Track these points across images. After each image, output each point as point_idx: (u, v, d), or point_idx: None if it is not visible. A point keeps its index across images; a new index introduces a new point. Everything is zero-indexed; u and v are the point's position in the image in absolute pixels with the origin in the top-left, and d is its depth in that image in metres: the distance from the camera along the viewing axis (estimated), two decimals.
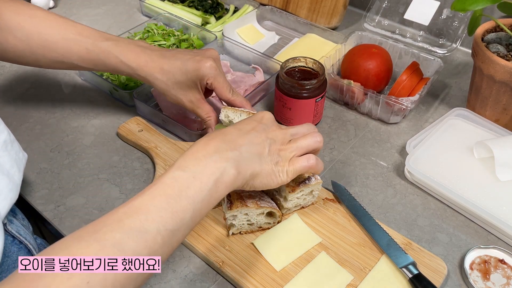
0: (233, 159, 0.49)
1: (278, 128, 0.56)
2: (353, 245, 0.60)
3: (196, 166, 0.47)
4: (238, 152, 0.50)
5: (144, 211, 0.42)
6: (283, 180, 0.54)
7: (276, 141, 0.55)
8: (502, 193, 0.65)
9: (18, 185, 0.57)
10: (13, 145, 0.58)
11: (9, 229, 0.57)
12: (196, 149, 0.49)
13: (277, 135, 0.55)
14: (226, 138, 0.51)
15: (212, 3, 1.09)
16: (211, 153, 0.48)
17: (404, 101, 0.76)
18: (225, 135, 0.51)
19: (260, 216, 0.60)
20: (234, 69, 0.94)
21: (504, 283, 0.57)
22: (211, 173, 0.47)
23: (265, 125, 0.55)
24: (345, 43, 0.89)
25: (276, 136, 0.55)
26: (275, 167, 0.54)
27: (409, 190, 0.70)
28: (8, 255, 0.56)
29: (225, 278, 0.58)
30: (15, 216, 0.61)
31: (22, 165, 0.59)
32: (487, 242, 0.63)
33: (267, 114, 0.57)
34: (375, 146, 0.78)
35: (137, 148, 0.76)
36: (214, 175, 0.47)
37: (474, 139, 0.72)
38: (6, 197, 0.54)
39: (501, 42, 0.76)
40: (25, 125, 0.80)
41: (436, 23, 0.94)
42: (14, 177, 0.56)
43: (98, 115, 0.82)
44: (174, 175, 0.46)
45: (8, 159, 0.56)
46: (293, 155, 0.55)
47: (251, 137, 0.52)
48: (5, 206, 0.53)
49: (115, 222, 0.41)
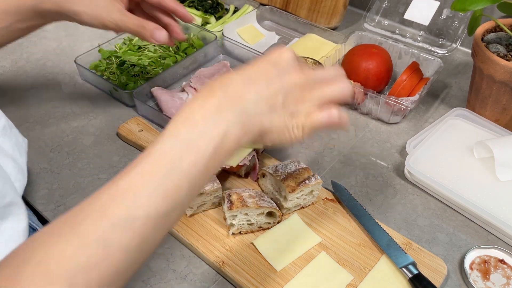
0: (237, 117, 0.41)
1: (299, 70, 0.45)
2: (353, 245, 0.60)
3: (191, 132, 0.39)
4: (243, 107, 0.41)
5: (131, 194, 0.36)
6: (297, 136, 0.45)
7: (293, 90, 0.44)
8: (502, 193, 0.65)
9: (24, 170, 0.57)
10: (12, 130, 0.59)
11: None
12: (192, 109, 0.41)
13: (297, 82, 0.44)
14: (229, 89, 0.42)
15: (212, 3, 1.09)
16: (211, 113, 0.40)
17: (404, 101, 0.76)
18: (228, 86, 0.42)
19: (260, 216, 0.60)
20: (234, 69, 0.94)
21: (504, 283, 0.57)
22: (210, 139, 0.39)
23: (281, 69, 0.44)
24: (345, 43, 0.89)
25: (295, 82, 0.44)
26: (289, 120, 0.44)
27: (409, 190, 0.70)
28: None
29: (225, 278, 0.58)
30: None
31: (23, 149, 0.60)
32: (487, 242, 0.63)
33: (285, 52, 0.45)
34: (375, 146, 0.78)
35: (137, 148, 0.76)
36: (214, 141, 0.39)
37: (474, 139, 0.72)
38: (16, 179, 0.54)
39: (501, 42, 0.76)
40: (25, 125, 0.80)
41: (436, 23, 0.94)
42: (17, 160, 0.56)
43: (98, 115, 0.82)
44: (165, 147, 0.39)
45: (9, 143, 0.57)
46: (312, 107, 0.45)
47: (260, 87, 0.43)
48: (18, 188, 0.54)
49: (98, 211, 0.35)
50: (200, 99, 0.41)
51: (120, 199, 0.36)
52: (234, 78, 0.43)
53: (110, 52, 0.91)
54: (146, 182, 0.37)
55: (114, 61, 0.89)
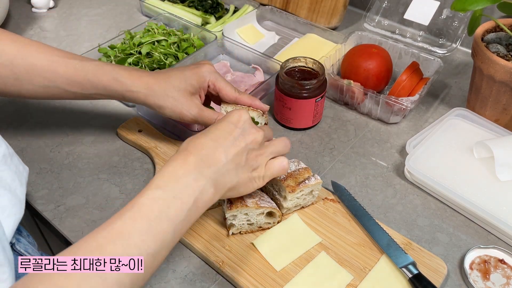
0: (211, 176, 0.48)
1: (255, 131, 0.54)
2: (353, 245, 0.60)
3: (176, 185, 0.46)
4: (216, 168, 0.49)
5: (126, 235, 0.41)
6: (259, 185, 0.55)
7: (254, 148, 0.53)
8: (502, 193, 0.65)
9: (22, 201, 0.54)
10: (13, 159, 0.56)
11: (17, 248, 0.55)
12: (174, 167, 0.47)
13: (256, 139, 0.53)
14: (203, 153, 0.49)
15: (212, 3, 1.09)
16: (191, 170, 0.47)
17: (404, 101, 0.76)
18: (201, 150, 0.49)
19: (260, 216, 0.60)
20: (234, 69, 0.94)
21: (504, 283, 0.57)
22: (191, 192, 0.46)
23: (242, 129, 0.52)
24: (345, 43, 0.89)
25: (255, 141, 0.53)
26: (251, 173, 0.53)
27: (409, 190, 0.70)
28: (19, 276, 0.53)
29: (225, 278, 0.58)
30: (20, 234, 0.59)
31: (23, 179, 0.57)
32: (487, 242, 0.63)
33: (243, 115, 0.53)
34: (375, 146, 0.78)
35: (137, 148, 0.76)
36: (194, 194, 0.46)
37: (474, 139, 0.72)
38: (10, 214, 0.51)
39: (501, 42, 0.76)
40: (25, 125, 0.80)
41: (436, 23, 0.94)
42: (16, 191, 0.54)
43: (98, 115, 0.82)
44: (154, 195, 0.44)
45: (9, 173, 0.54)
46: (268, 159, 0.55)
47: (228, 147, 0.50)
48: (10, 224, 0.51)
49: (96, 249, 0.40)
50: (181, 158, 0.48)
51: (116, 239, 0.41)
52: (205, 142, 0.50)
53: (112, 52, 0.91)
54: (139, 225, 0.42)
55: (113, 60, 0.89)
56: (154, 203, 0.44)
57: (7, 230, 0.50)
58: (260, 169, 0.54)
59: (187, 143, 0.50)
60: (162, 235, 0.43)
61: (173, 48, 0.93)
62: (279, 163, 0.56)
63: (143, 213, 0.43)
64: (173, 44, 0.93)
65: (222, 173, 0.49)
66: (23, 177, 0.57)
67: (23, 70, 0.62)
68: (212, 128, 0.52)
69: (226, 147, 0.50)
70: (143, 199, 0.44)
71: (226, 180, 0.50)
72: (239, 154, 0.51)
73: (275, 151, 0.56)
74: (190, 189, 0.46)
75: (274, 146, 0.56)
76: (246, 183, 0.53)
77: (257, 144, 0.53)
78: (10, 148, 0.56)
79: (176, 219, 0.44)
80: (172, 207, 0.44)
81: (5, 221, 0.50)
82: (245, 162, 0.52)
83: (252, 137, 0.53)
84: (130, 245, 0.41)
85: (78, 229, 0.64)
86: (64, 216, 0.65)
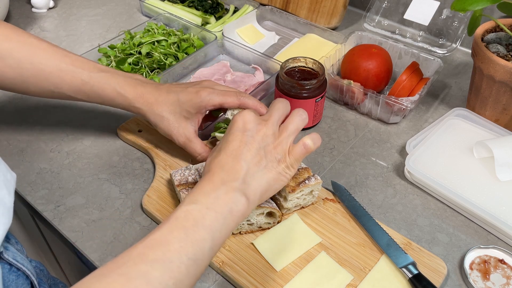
0: (239, 188, 0.49)
1: (263, 125, 0.53)
2: (353, 245, 0.60)
3: (207, 199, 0.47)
4: (240, 179, 0.49)
5: (165, 243, 0.43)
6: (291, 174, 0.54)
7: (268, 142, 0.53)
8: (502, 193, 0.65)
9: (10, 209, 0.53)
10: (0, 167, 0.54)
11: (5, 257, 0.54)
12: (201, 185, 0.49)
13: (267, 134, 0.53)
14: (225, 168, 0.50)
15: (212, 3, 1.09)
16: (219, 185, 0.48)
17: (404, 101, 0.76)
18: (222, 166, 0.50)
19: (260, 216, 0.60)
20: (234, 69, 0.94)
21: (504, 283, 0.57)
22: (225, 204, 0.47)
23: (250, 131, 0.52)
24: (345, 43, 0.89)
25: (266, 135, 0.53)
26: (278, 167, 0.53)
27: (409, 190, 0.70)
28: (7, 285, 0.53)
29: (225, 278, 0.58)
30: (8, 241, 0.57)
31: (11, 186, 0.55)
32: (487, 242, 0.63)
33: (247, 116, 0.53)
34: (375, 146, 0.78)
35: (137, 148, 0.76)
36: (228, 205, 0.47)
37: (474, 139, 0.72)
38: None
39: (501, 42, 0.76)
40: (25, 125, 0.80)
41: (436, 23, 0.94)
42: (4, 200, 0.52)
43: (98, 115, 0.82)
44: (187, 209, 0.46)
45: None
46: (289, 145, 0.54)
47: (244, 155, 0.51)
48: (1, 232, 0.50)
49: (138, 256, 0.41)
50: (206, 178, 0.50)
51: (156, 247, 0.42)
52: (223, 159, 0.51)
53: (112, 52, 0.91)
54: (177, 234, 0.44)
55: (113, 60, 0.89)
56: (189, 215, 0.45)
57: None
58: (285, 158, 0.53)
59: (208, 165, 0.52)
60: (200, 242, 0.44)
61: (173, 48, 0.93)
62: (300, 147, 0.54)
63: (179, 224, 0.44)
64: (173, 44, 0.93)
65: (248, 181, 0.50)
66: (11, 185, 0.55)
67: (30, 75, 0.65)
68: (224, 143, 0.53)
69: (242, 156, 0.51)
70: (177, 213, 0.45)
71: (255, 185, 0.50)
72: (256, 155, 0.51)
73: (293, 130, 0.55)
74: (223, 201, 0.47)
75: (291, 125, 0.55)
76: (277, 178, 0.53)
77: (269, 137, 0.53)
78: None
79: (213, 227, 0.45)
80: (207, 217, 0.45)
81: None
82: (266, 159, 0.52)
83: (261, 133, 0.52)
84: (170, 250, 0.42)
85: (78, 229, 0.64)
86: (64, 216, 0.65)
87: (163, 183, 0.68)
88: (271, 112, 0.56)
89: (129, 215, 0.65)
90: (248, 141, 0.52)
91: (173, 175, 0.64)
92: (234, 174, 0.50)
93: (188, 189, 0.62)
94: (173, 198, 0.66)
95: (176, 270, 0.41)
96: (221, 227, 0.46)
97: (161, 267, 0.40)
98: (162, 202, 0.65)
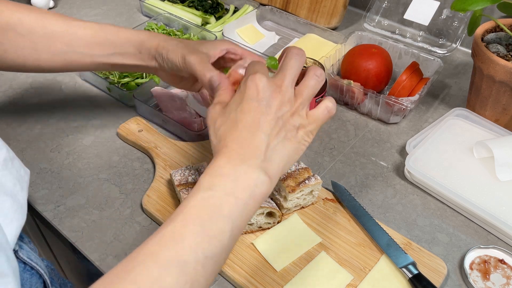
0: (261, 165, 0.44)
1: (278, 92, 0.47)
2: (353, 245, 0.60)
3: (225, 182, 0.42)
4: (261, 155, 0.44)
5: (178, 238, 0.39)
6: (309, 142, 0.49)
7: (284, 109, 0.47)
8: (502, 193, 0.65)
9: (24, 206, 0.52)
10: (14, 163, 0.54)
11: (20, 255, 0.53)
12: (218, 165, 0.44)
13: (283, 101, 0.47)
14: (244, 144, 0.45)
15: (212, 3, 1.09)
16: (239, 164, 0.43)
17: (404, 101, 0.76)
18: (241, 142, 0.45)
19: (260, 216, 0.60)
20: None
21: (504, 283, 0.57)
22: (246, 186, 0.43)
23: (264, 99, 0.46)
24: (345, 43, 0.89)
25: (282, 103, 0.47)
26: (297, 135, 0.47)
27: (409, 190, 0.70)
28: (22, 283, 0.52)
29: (225, 278, 0.58)
30: (22, 240, 0.57)
31: (25, 183, 0.55)
32: (487, 242, 0.63)
33: (259, 82, 0.47)
34: (375, 146, 0.78)
35: (137, 148, 0.76)
36: (250, 188, 0.43)
37: (474, 139, 0.72)
38: (13, 220, 0.49)
39: (501, 42, 0.76)
40: (25, 125, 0.80)
41: (436, 23, 0.94)
42: (17, 196, 0.52)
43: (98, 115, 0.82)
44: (203, 196, 0.42)
45: (10, 178, 0.52)
46: (306, 109, 0.49)
47: (262, 127, 0.45)
48: (13, 231, 0.49)
49: (149, 256, 0.38)
50: (221, 156, 0.44)
51: (169, 244, 0.39)
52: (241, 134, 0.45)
53: None
54: (192, 227, 0.40)
55: None
56: (204, 203, 0.41)
57: (10, 237, 0.49)
58: (303, 124, 0.48)
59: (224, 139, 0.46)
60: (218, 235, 0.40)
61: None
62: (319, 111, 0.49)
63: (194, 215, 0.40)
64: None
65: (269, 156, 0.45)
66: (24, 181, 0.55)
67: (42, 39, 0.64)
68: (237, 114, 0.47)
69: (260, 128, 0.45)
70: (191, 201, 0.41)
71: (277, 159, 0.46)
72: (275, 126, 0.46)
73: (309, 94, 0.49)
74: (243, 183, 0.43)
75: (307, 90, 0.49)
76: (297, 148, 0.47)
77: (286, 104, 0.47)
78: (11, 151, 0.55)
79: (232, 216, 0.41)
80: (225, 205, 0.41)
81: (8, 228, 0.49)
82: (285, 129, 0.47)
83: (277, 101, 0.47)
84: (184, 248, 0.38)
85: (78, 229, 0.64)
86: (64, 216, 0.65)
87: (163, 183, 0.68)
88: (284, 72, 0.48)
89: (129, 215, 0.65)
90: (265, 112, 0.46)
91: (173, 175, 0.64)
92: (254, 149, 0.44)
93: (188, 189, 0.62)
94: (173, 198, 0.66)
95: (192, 272, 0.38)
96: (241, 213, 0.42)
97: (175, 270, 0.37)
98: (162, 202, 0.65)
